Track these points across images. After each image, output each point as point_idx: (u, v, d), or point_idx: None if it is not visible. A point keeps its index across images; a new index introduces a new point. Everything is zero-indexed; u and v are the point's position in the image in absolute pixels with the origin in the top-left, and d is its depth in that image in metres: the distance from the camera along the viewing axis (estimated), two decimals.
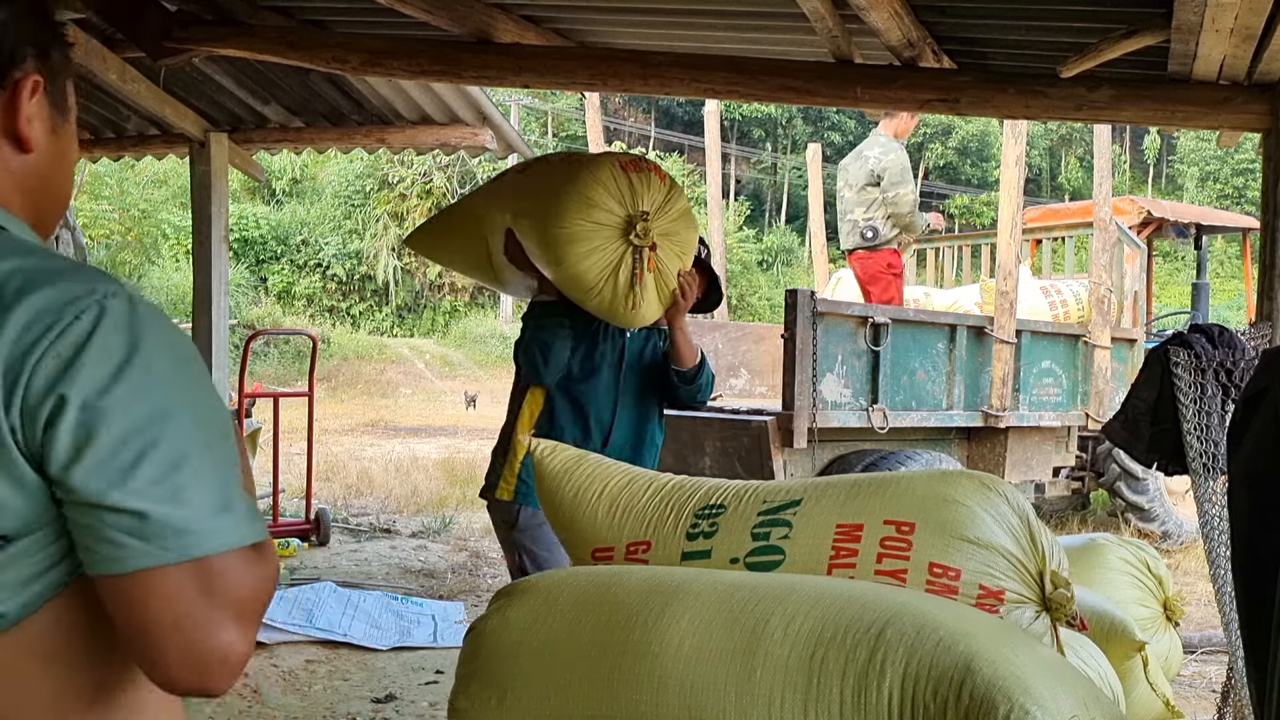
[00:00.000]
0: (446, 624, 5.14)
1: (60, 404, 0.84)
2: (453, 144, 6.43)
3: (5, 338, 0.84)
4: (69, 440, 0.84)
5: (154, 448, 0.86)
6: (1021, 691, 1.33)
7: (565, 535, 2.10)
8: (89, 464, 0.85)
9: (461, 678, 1.74)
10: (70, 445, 0.84)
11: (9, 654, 0.86)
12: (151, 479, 0.86)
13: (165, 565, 0.85)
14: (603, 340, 3.15)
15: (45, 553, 0.88)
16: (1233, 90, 3.48)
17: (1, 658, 0.86)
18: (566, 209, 2.84)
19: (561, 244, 2.85)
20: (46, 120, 1.02)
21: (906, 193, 6.88)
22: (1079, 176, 38.12)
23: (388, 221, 29.00)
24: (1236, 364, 2.62)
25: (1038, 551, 1.73)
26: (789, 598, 1.55)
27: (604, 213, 2.86)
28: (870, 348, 5.59)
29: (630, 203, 2.88)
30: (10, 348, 0.84)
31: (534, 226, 2.95)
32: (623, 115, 37.11)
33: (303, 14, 4.68)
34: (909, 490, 1.79)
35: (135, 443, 0.85)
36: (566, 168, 3.03)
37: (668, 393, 3.22)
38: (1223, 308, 23.35)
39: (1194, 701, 4.26)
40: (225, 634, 0.87)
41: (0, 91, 0.98)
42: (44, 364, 0.84)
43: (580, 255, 2.85)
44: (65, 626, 0.89)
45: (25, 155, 1.00)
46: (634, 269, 2.87)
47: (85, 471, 0.84)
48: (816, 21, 3.47)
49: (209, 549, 0.87)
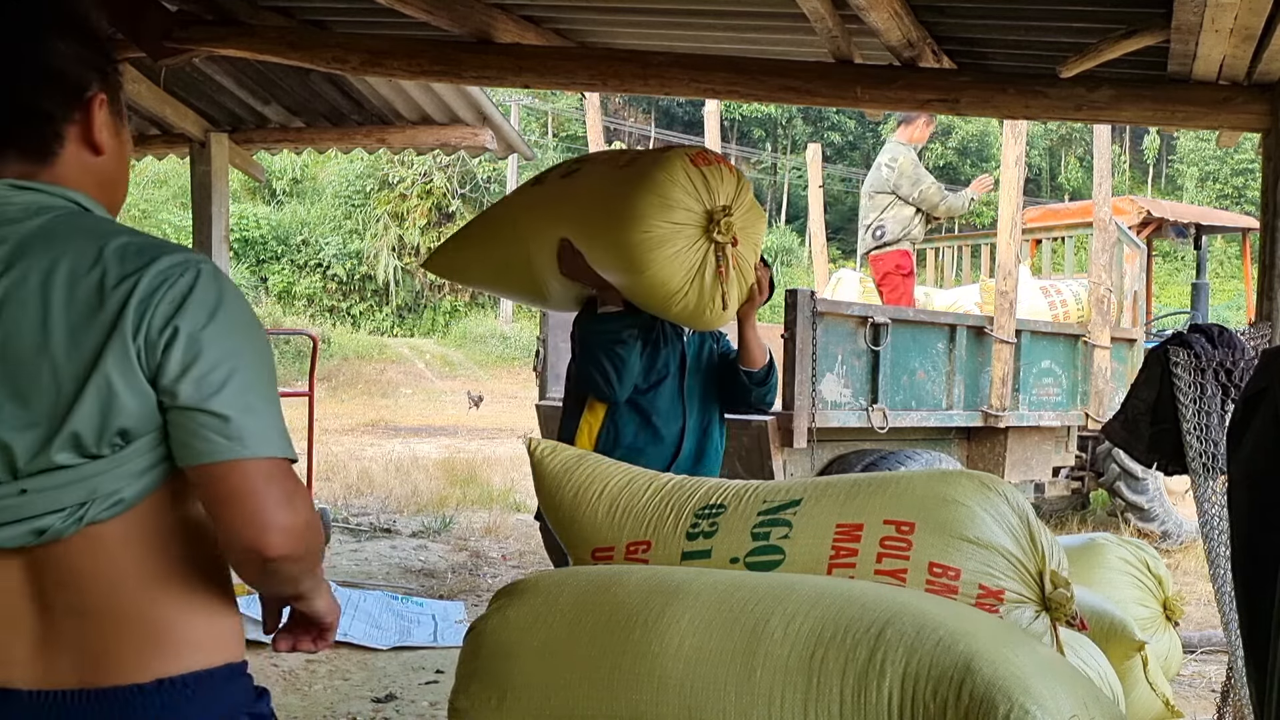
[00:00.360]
0: (446, 624, 5.14)
1: (174, 334, 1.16)
2: (453, 144, 6.43)
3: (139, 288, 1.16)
4: (178, 360, 1.16)
5: (235, 373, 1.18)
6: (1021, 691, 1.33)
7: (565, 535, 2.10)
8: (192, 378, 1.16)
9: (462, 677, 1.75)
10: (179, 364, 1.16)
11: (128, 529, 1.19)
12: (233, 394, 1.17)
13: (241, 459, 1.17)
14: (664, 346, 2.97)
15: (154, 452, 1.19)
16: (1233, 90, 3.48)
17: (123, 531, 1.19)
18: (643, 213, 2.62)
19: (642, 251, 2.63)
20: (111, 128, 1.30)
21: (928, 186, 7.19)
22: (1079, 176, 38.12)
23: (388, 221, 29.01)
24: (1236, 364, 2.62)
25: (1037, 551, 1.73)
26: (789, 597, 1.55)
27: (684, 212, 2.66)
28: (870, 348, 5.59)
29: (708, 198, 2.69)
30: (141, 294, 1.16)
31: (602, 235, 2.74)
32: (623, 115, 37.12)
33: (303, 14, 4.68)
34: (909, 490, 1.79)
35: (223, 367, 1.17)
36: (628, 169, 2.79)
37: (731, 395, 3.06)
38: (1223, 308, 23.35)
39: (1194, 701, 4.27)
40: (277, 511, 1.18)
41: (79, 109, 1.26)
42: (161, 306, 1.16)
43: (664, 260, 2.65)
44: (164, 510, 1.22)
45: (98, 157, 1.29)
46: (718, 267, 2.69)
47: (189, 384, 1.16)
48: (816, 22, 3.47)
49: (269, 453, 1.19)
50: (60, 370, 1.15)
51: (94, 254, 1.17)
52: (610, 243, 2.72)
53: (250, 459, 1.17)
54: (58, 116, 1.25)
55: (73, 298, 1.15)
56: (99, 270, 1.16)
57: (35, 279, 1.16)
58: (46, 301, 1.15)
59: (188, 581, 1.22)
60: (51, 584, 1.18)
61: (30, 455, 1.15)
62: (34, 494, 1.15)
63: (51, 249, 1.17)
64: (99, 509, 1.17)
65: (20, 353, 1.15)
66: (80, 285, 1.16)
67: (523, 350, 25.09)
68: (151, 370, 1.16)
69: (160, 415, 1.18)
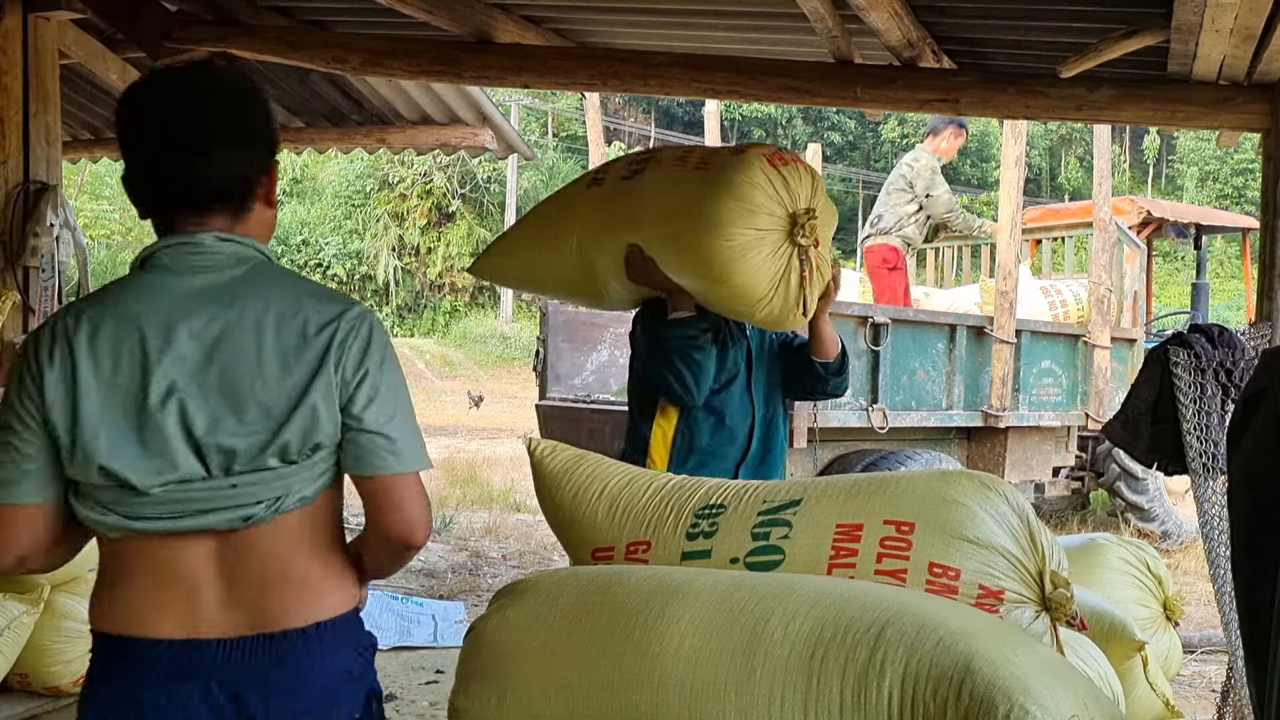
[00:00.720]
0: (446, 624, 5.15)
1: (365, 374, 1.51)
2: (453, 144, 6.43)
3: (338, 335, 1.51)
4: (365, 395, 1.51)
5: (401, 406, 1.55)
6: (1021, 691, 1.33)
7: (565, 535, 2.10)
8: (374, 408, 1.51)
9: (461, 677, 1.75)
10: (366, 398, 1.51)
11: (302, 517, 1.53)
12: (400, 422, 1.54)
13: (404, 472, 1.54)
14: (731, 344, 2.87)
15: (329, 461, 1.53)
16: (1233, 90, 3.48)
17: (298, 519, 1.53)
18: (725, 220, 2.48)
19: (726, 260, 2.51)
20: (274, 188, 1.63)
21: (940, 194, 7.15)
22: (1079, 176, 38.11)
23: (388, 221, 29.01)
24: (1236, 364, 2.62)
25: (1037, 551, 1.73)
26: (789, 598, 1.55)
27: (767, 217, 2.52)
28: (870, 348, 5.59)
29: (790, 201, 2.55)
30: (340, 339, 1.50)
31: (679, 244, 2.61)
32: (623, 115, 37.11)
33: (303, 14, 4.68)
34: (909, 490, 1.79)
35: (392, 401, 1.54)
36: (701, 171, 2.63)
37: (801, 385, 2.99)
38: (1223, 308, 23.35)
39: (1194, 701, 4.26)
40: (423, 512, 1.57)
41: (266, 173, 1.59)
42: (353, 352, 1.51)
43: (750, 268, 2.52)
44: (323, 503, 1.56)
45: (271, 210, 1.63)
46: (802, 270, 2.57)
47: (372, 412, 1.51)
48: (816, 21, 3.47)
49: (418, 467, 1.56)
50: (272, 394, 1.47)
51: (294, 301, 1.52)
52: (689, 251, 2.59)
53: (407, 473, 1.55)
54: (254, 180, 1.57)
55: (281, 337, 1.49)
56: (301, 316, 1.51)
57: (250, 319, 1.48)
58: (260, 339, 1.48)
59: (330, 553, 1.59)
60: (236, 559, 1.50)
61: (248, 459, 1.47)
62: (242, 488, 1.47)
63: (259, 295, 1.51)
64: (290, 502, 1.51)
65: (238, 379, 1.47)
66: (287, 327, 1.49)
67: (523, 350, 25.08)
68: (344, 400, 1.51)
69: (338, 434, 1.52)
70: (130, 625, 1.51)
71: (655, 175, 2.75)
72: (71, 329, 1.47)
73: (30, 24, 4.48)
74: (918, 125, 38.70)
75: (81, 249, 4.74)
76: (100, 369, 1.46)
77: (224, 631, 1.50)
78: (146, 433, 1.45)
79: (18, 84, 4.45)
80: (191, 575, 1.50)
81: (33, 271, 4.49)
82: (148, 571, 1.51)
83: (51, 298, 4.52)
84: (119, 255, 21.37)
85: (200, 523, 1.47)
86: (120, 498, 1.46)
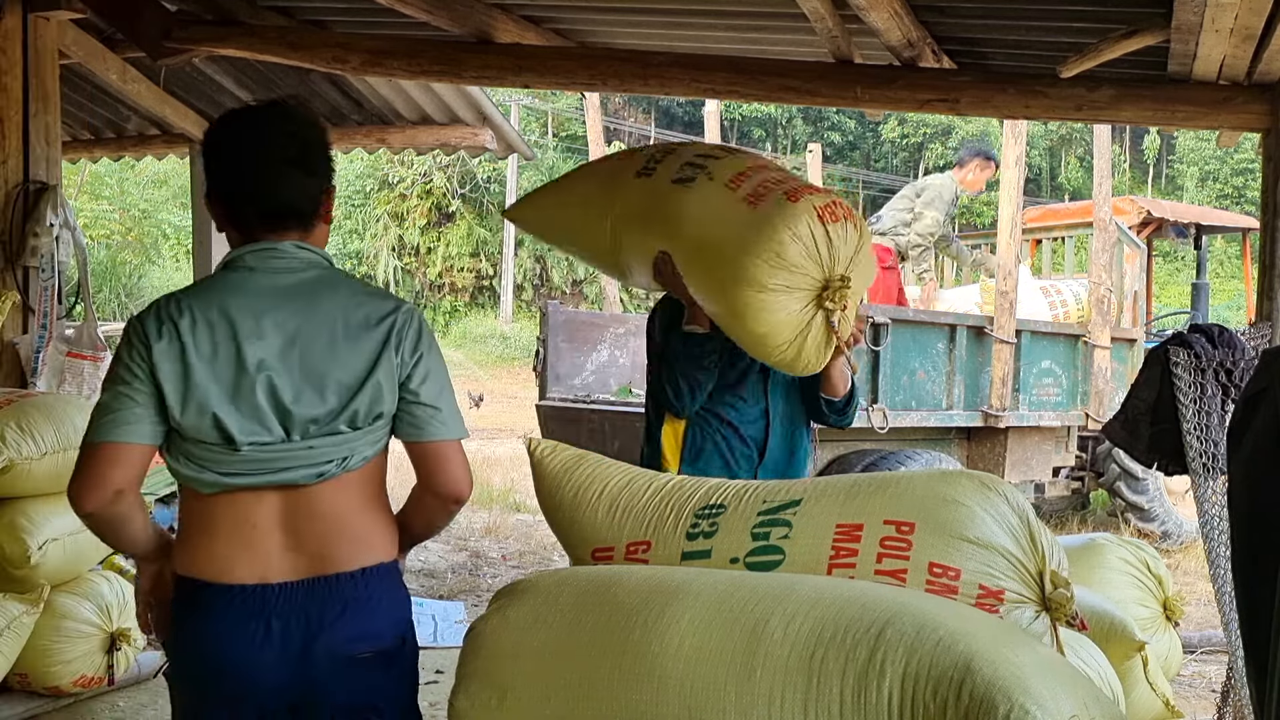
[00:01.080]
0: (446, 624, 5.14)
1: (420, 357, 1.86)
2: (453, 144, 6.43)
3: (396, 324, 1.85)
4: (421, 374, 1.86)
5: (446, 385, 1.91)
6: (1021, 691, 1.33)
7: (565, 535, 2.10)
8: (428, 386, 1.87)
9: (461, 678, 1.75)
10: (421, 376, 1.86)
11: (360, 476, 1.86)
12: (447, 397, 1.90)
13: (451, 439, 1.89)
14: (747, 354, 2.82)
15: (386, 428, 1.87)
16: (1233, 90, 3.48)
17: (357, 477, 1.85)
18: (757, 269, 2.41)
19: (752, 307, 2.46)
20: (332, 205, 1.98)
21: (933, 215, 7.11)
22: (1079, 176, 38.10)
23: (388, 221, 29.00)
24: (1236, 364, 2.62)
25: (1038, 552, 1.73)
26: (789, 598, 1.55)
27: (801, 276, 2.45)
28: (870, 348, 5.59)
29: (829, 264, 2.47)
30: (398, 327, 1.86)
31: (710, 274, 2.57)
32: (623, 115, 37.10)
33: (303, 14, 4.68)
34: (909, 490, 1.79)
35: (439, 378, 1.89)
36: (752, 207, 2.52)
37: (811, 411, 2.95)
38: (1223, 308, 23.34)
39: (1194, 701, 4.26)
40: (464, 471, 1.91)
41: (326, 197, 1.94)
42: (409, 338, 1.85)
43: (773, 319, 2.47)
44: (376, 464, 1.89)
45: (327, 225, 1.97)
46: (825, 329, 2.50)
47: (427, 389, 1.86)
48: (816, 21, 3.47)
49: (460, 435, 1.92)
50: (345, 372, 1.81)
51: (356, 297, 1.87)
52: (716, 285, 2.56)
53: (453, 439, 1.90)
54: (319, 202, 1.92)
55: (350, 326, 1.83)
56: (364, 310, 1.85)
57: (324, 312, 1.83)
58: (333, 328, 1.82)
59: (378, 508, 1.90)
60: (301, 513, 1.81)
61: (324, 425, 1.80)
62: (318, 449, 1.80)
63: (329, 293, 1.86)
64: (354, 461, 1.84)
65: (316, 360, 1.80)
66: (354, 318, 1.84)
67: (523, 350, 25.08)
68: (403, 377, 1.85)
69: (395, 406, 1.85)
70: (212, 572, 1.80)
71: (705, 191, 2.64)
72: (175, 313, 1.80)
73: (30, 24, 4.49)
74: (918, 125, 38.71)
75: (81, 249, 4.75)
76: (200, 349, 1.77)
77: (286, 575, 1.80)
78: (240, 401, 1.77)
79: (18, 84, 4.45)
80: (263, 528, 1.80)
81: (33, 271, 4.49)
82: (227, 525, 1.80)
83: (51, 298, 4.52)
84: (119, 255, 21.35)
85: (281, 478, 1.79)
86: (217, 456, 1.78)
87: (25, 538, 3.46)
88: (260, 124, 1.88)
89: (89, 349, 4.64)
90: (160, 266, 22.87)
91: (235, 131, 1.88)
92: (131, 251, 22.14)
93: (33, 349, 4.49)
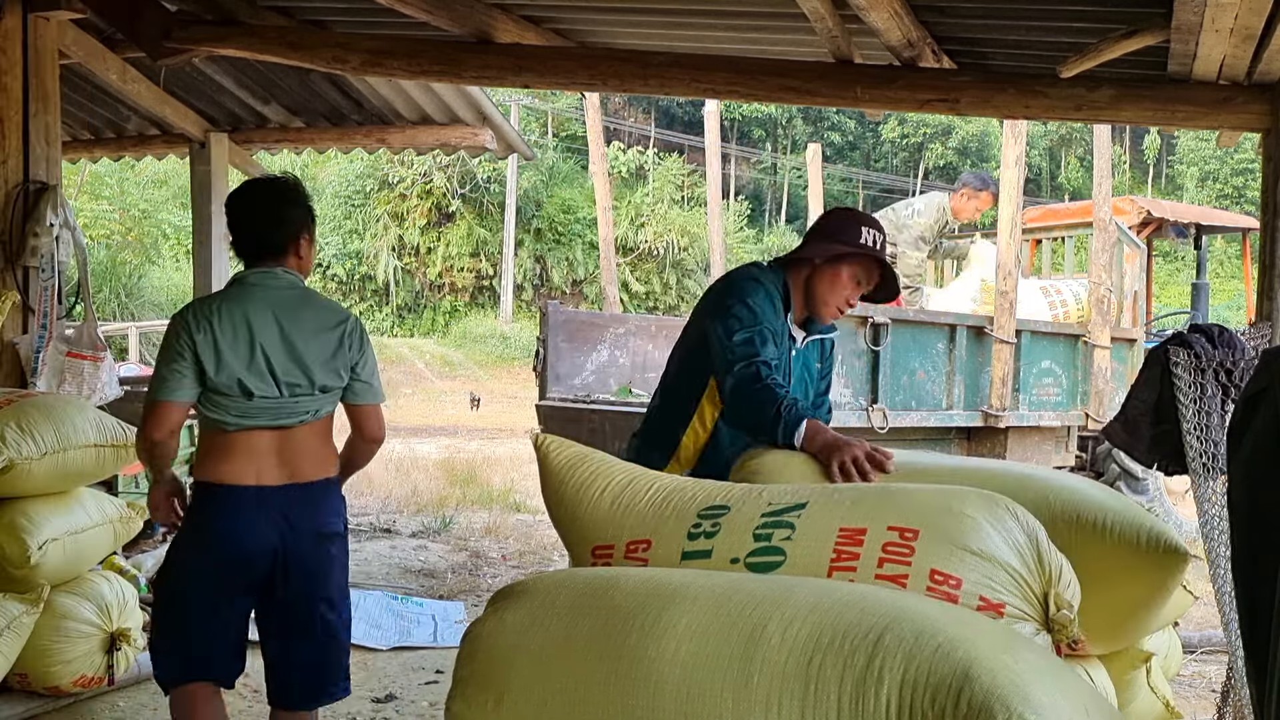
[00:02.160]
0: (446, 624, 5.14)
1: (363, 351, 2.86)
2: (453, 144, 6.43)
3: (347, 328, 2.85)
4: (362, 361, 2.85)
5: (375, 367, 2.92)
6: (1020, 700, 1.32)
7: (566, 531, 2.10)
8: (365, 369, 2.87)
9: (458, 681, 1.73)
10: (362, 363, 2.85)
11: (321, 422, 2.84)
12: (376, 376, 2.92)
13: (375, 403, 2.93)
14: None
15: (337, 394, 2.83)
16: (1233, 90, 3.48)
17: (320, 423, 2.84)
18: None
19: None
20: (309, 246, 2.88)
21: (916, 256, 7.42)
22: (1079, 176, 38.09)
23: (388, 221, 28.98)
24: (1236, 364, 2.61)
25: (1044, 573, 1.72)
26: (787, 602, 1.54)
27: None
28: (870, 348, 5.59)
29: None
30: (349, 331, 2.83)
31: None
32: (623, 115, 37.09)
33: (303, 14, 4.68)
34: (915, 499, 1.79)
35: (372, 364, 2.90)
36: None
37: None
38: (1223, 308, 23.33)
39: (1194, 701, 4.26)
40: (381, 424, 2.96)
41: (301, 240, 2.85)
42: (356, 337, 2.84)
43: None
44: (331, 418, 2.85)
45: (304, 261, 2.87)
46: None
47: (364, 371, 2.86)
48: (816, 21, 3.47)
49: (381, 400, 2.95)
50: (315, 357, 2.75)
51: (322, 308, 2.85)
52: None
53: (376, 403, 2.92)
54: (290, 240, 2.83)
55: (318, 328, 2.78)
56: (327, 317, 2.82)
57: (306, 319, 2.77)
58: (306, 328, 2.76)
59: (329, 443, 2.88)
60: (285, 443, 2.76)
61: (303, 390, 2.75)
62: (301, 403, 2.76)
63: (305, 305, 2.80)
64: (321, 413, 2.82)
65: (296, 347, 2.73)
66: (321, 322, 2.80)
67: (523, 350, 25.06)
68: (351, 363, 2.82)
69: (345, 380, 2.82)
70: (230, 479, 2.72)
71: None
72: (209, 313, 2.71)
73: (30, 24, 4.48)
74: (918, 125, 38.69)
75: (81, 249, 4.74)
76: (225, 337, 2.69)
77: (275, 481, 2.74)
78: (252, 370, 2.69)
79: (18, 84, 4.45)
80: (261, 452, 2.74)
81: (32, 271, 4.49)
82: (240, 450, 2.73)
83: (51, 297, 4.51)
84: (118, 255, 21.33)
85: (276, 422, 2.74)
86: (238, 405, 2.70)
87: (25, 538, 3.46)
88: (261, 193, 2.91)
89: (89, 349, 4.64)
90: (160, 266, 22.86)
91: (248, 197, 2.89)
92: (131, 251, 22.11)
93: (33, 349, 4.49)
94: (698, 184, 30.08)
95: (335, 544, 2.87)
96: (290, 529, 2.73)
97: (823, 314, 2.84)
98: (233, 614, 2.78)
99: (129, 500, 4.16)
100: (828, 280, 2.79)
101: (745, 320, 2.64)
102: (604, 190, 8.91)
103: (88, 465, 3.68)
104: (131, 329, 15.75)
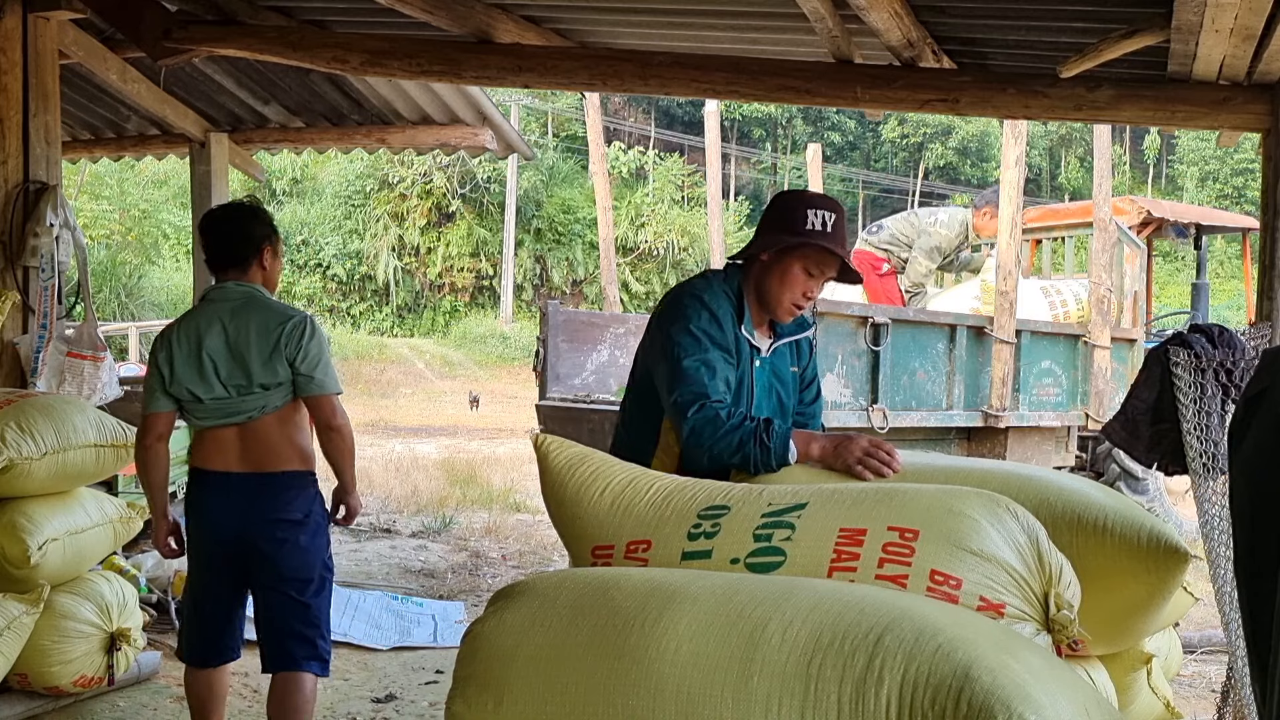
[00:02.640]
0: (446, 624, 5.14)
1: (302, 347, 3.12)
2: (453, 144, 6.42)
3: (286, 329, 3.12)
4: (302, 356, 3.12)
5: (321, 361, 3.16)
6: (1021, 700, 1.31)
7: (566, 531, 2.09)
8: (307, 363, 3.12)
9: (458, 681, 1.73)
10: (302, 358, 3.12)
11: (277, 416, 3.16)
12: (322, 369, 3.16)
13: (322, 394, 3.18)
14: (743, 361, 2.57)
15: (287, 389, 3.15)
16: (1233, 90, 3.48)
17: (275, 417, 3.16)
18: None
19: None
20: (273, 256, 3.30)
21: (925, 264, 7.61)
22: (1079, 176, 38.09)
23: (388, 221, 28.98)
24: (1236, 364, 2.62)
25: (1045, 573, 1.72)
26: (787, 602, 1.53)
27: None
28: (870, 348, 5.59)
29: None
30: (289, 330, 3.12)
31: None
32: (623, 115, 37.09)
33: (303, 14, 4.67)
34: (916, 500, 1.79)
35: (317, 358, 3.15)
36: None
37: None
38: (1223, 308, 23.33)
39: (1194, 701, 4.26)
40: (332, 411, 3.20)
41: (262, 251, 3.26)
42: (294, 336, 3.12)
43: None
44: (286, 411, 3.18)
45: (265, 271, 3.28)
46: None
47: (305, 365, 3.12)
48: (816, 21, 3.47)
49: (333, 390, 3.20)
50: (257, 360, 3.08)
51: (266, 313, 3.15)
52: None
53: (324, 394, 3.16)
54: (253, 254, 3.22)
55: (262, 332, 3.10)
56: (268, 320, 3.12)
57: (250, 323, 3.11)
58: (250, 334, 3.10)
59: (294, 438, 3.19)
60: (245, 436, 3.13)
61: (246, 388, 3.09)
62: (248, 402, 3.11)
63: (250, 311, 3.14)
64: (270, 408, 3.13)
65: (241, 354, 3.09)
66: (265, 324, 3.11)
67: (523, 350, 25.06)
68: (290, 359, 3.09)
69: (291, 376, 3.11)
70: (205, 464, 3.17)
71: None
72: (171, 333, 3.16)
73: (30, 24, 4.48)
74: (918, 125, 38.68)
75: (81, 249, 4.74)
76: (180, 353, 3.11)
77: (242, 468, 3.14)
78: (202, 375, 3.09)
79: (18, 84, 4.44)
80: (227, 443, 3.14)
81: (32, 271, 4.48)
82: (211, 442, 3.16)
83: (51, 297, 4.51)
84: (119, 255, 21.33)
85: (230, 420, 3.12)
86: (196, 408, 3.13)
87: (25, 538, 3.46)
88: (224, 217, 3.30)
89: (89, 349, 4.63)
90: (160, 266, 22.87)
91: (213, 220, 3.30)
92: (131, 251, 22.11)
93: (33, 349, 4.49)
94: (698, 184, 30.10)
95: (291, 530, 3.15)
96: (251, 513, 3.12)
97: (778, 314, 2.56)
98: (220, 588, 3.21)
99: (129, 500, 4.16)
100: (777, 276, 2.51)
101: (689, 349, 2.43)
102: (604, 190, 8.91)
103: (88, 465, 3.68)
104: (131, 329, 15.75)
